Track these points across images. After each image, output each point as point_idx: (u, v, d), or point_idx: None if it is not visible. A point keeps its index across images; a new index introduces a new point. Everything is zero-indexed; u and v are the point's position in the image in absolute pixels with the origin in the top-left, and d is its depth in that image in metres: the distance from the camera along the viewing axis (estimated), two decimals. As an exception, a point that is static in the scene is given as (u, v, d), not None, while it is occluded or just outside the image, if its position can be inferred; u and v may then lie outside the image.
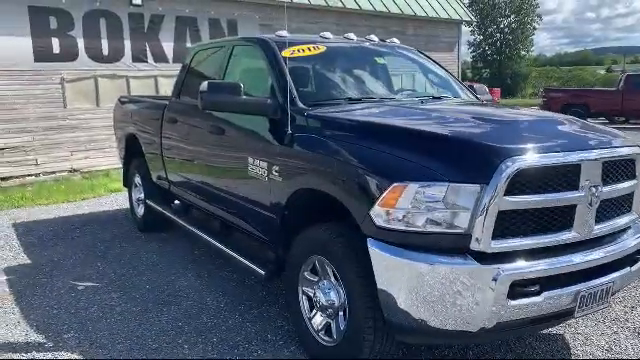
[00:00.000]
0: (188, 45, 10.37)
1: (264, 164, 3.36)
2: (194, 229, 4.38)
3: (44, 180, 8.91)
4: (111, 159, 9.58)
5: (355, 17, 13.11)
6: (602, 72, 54.45)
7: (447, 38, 15.53)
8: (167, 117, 4.87)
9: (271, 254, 3.64)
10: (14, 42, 8.48)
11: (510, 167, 2.35)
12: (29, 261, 4.94)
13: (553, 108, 15.29)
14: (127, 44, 9.71)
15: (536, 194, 2.44)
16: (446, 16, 15.08)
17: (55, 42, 8.92)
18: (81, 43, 9.18)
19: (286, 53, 3.65)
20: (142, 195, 5.75)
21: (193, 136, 4.38)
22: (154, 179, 5.46)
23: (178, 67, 10.75)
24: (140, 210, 5.86)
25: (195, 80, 4.79)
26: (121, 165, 6.49)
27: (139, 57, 9.87)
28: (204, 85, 3.41)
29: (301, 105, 3.29)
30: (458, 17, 15.50)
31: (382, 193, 2.48)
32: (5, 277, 4.53)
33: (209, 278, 4.46)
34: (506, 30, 45.63)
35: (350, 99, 3.48)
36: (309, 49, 3.73)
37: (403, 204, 2.44)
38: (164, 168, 5.07)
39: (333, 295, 2.90)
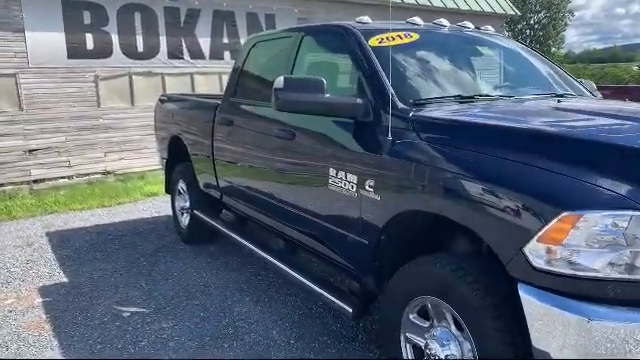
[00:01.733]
0: (225, 41, 9.82)
1: (353, 177, 2.73)
2: (256, 249, 3.77)
3: (77, 182, 8.43)
4: (146, 160, 9.08)
5: (396, 11, 12.40)
6: (635, 69, 52.57)
7: (489, 33, 14.68)
8: (220, 118, 4.27)
9: (354, 284, 3.02)
10: (47, 38, 8.00)
11: None
12: (66, 279, 4.40)
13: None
14: (162, 40, 9.18)
15: None
16: (490, 10, 14.26)
17: (89, 38, 8.42)
18: (115, 39, 8.67)
19: (373, 42, 3.02)
20: (187, 204, 5.18)
21: (254, 141, 3.77)
22: (201, 187, 4.88)
23: (215, 64, 10.28)
24: (185, 220, 5.29)
25: (253, 77, 4.20)
26: (161, 168, 5.96)
27: (175, 53, 9.32)
28: (279, 81, 2.78)
29: (402, 105, 2.64)
30: (502, 11, 14.67)
31: (545, 225, 1.83)
32: (41, 299, 3.99)
33: (270, 303, 3.86)
34: (536, 26, 44.35)
35: (460, 97, 2.82)
36: (399, 37, 3.09)
37: (575, 240, 1.79)
38: (215, 175, 4.48)
39: (454, 349, 2.26)
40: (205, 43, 9.65)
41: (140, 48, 8.95)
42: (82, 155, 8.59)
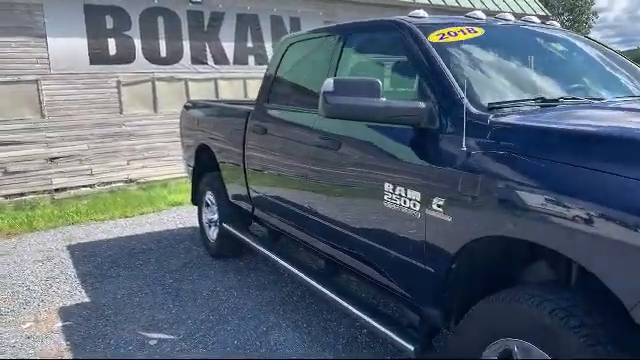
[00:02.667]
0: (249, 45, 9.51)
1: (415, 194, 2.34)
2: (294, 269, 3.38)
3: (99, 191, 8.16)
4: (169, 168, 8.80)
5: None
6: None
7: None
8: (253, 126, 3.91)
9: (411, 314, 2.63)
10: (69, 43, 7.76)
11: None
12: (88, 299, 4.07)
13: None
14: (186, 44, 8.90)
15: None
16: (520, 11, 13.78)
17: (111, 43, 8.17)
18: (138, 43, 8.41)
19: (434, 38, 2.63)
20: (216, 216, 4.83)
21: (291, 150, 3.40)
22: (231, 198, 4.53)
23: (239, 69, 9.96)
24: (212, 233, 4.94)
25: (289, 81, 3.84)
26: (186, 176, 5.64)
27: (198, 58, 9.04)
28: (328, 84, 2.41)
29: (475, 110, 2.25)
30: (532, 12, 14.18)
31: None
32: (61, 323, 3.67)
33: (309, 330, 3.48)
34: (559, 29, 43.45)
35: (543, 100, 2.41)
36: (462, 32, 2.70)
37: None
38: (246, 187, 4.12)
39: (552, 403, 1.85)
40: (229, 48, 9.36)
41: (163, 53, 8.68)
42: (104, 163, 8.32)
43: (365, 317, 2.76)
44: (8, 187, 7.48)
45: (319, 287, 3.15)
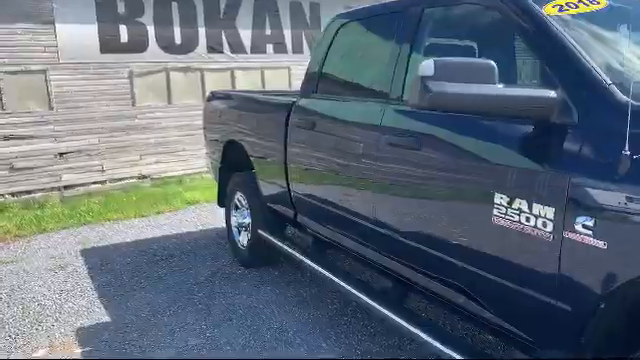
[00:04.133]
0: (267, 33, 8.92)
1: (547, 210, 1.78)
2: (356, 292, 2.81)
3: (111, 188, 7.62)
4: (184, 164, 8.26)
5: None
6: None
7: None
8: (297, 121, 3.36)
9: (519, 355, 2.10)
10: (79, 30, 7.19)
11: None
12: (109, 318, 3.54)
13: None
14: (201, 32, 8.31)
15: None
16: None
17: (123, 30, 7.59)
18: (152, 31, 7.83)
19: (550, 10, 2.07)
20: (248, 220, 4.29)
21: (351, 149, 2.84)
22: (268, 202, 3.98)
23: (257, 59, 9.35)
24: (243, 239, 4.40)
25: (344, 68, 3.28)
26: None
27: (214, 47, 8.45)
28: (427, 66, 1.85)
29: (624, 98, 1.70)
30: None
31: None
32: (80, 350, 3.14)
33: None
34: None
35: None
36: (584, 3, 2.13)
37: None
38: (288, 190, 3.58)
39: None
40: (246, 35, 8.76)
41: (178, 41, 8.10)
42: (116, 158, 7.78)
43: (449, 352, 2.21)
44: (15, 184, 6.95)
45: (388, 313, 2.61)
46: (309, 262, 3.38)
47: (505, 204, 1.94)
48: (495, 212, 1.97)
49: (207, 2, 8.28)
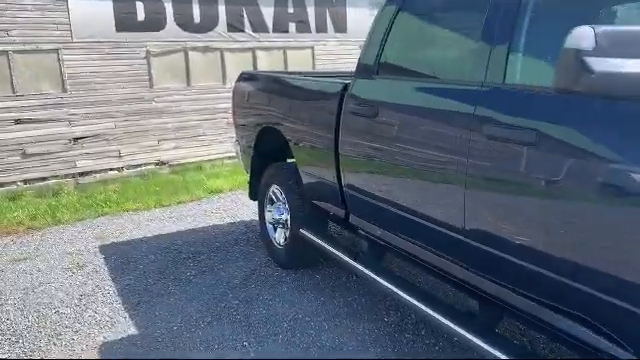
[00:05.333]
0: (290, 10, 8.34)
1: None
2: (442, 318, 2.33)
3: (128, 175, 7.17)
4: (203, 150, 7.78)
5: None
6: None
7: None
8: (353, 107, 2.85)
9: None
10: (93, 7, 6.67)
11: None
12: (135, 330, 3.09)
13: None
14: (221, 9, 7.76)
15: None
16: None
17: (140, 7, 7.06)
18: (169, 7, 7.29)
19: None
20: (285, 217, 3.80)
21: (432, 142, 2.33)
22: (312, 198, 3.50)
23: (279, 38, 8.79)
24: (279, 237, 3.93)
25: (417, 44, 2.75)
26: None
27: (235, 25, 7.90)
28: (583, 36, 1.34)
29: None
30: None
31: None
32: (105, 373, 2.71)
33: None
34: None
35: None
36: None
37: None
38: (339, 185, 3.08)
39: None
40: (268, 13, 8.20)
41: (197, 19, 7.57)
42: (134, 144, 7.31)
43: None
44: (27, 171, 6.51)
45: (479, 343, 2.13)
46: (367, 271, 2.89)
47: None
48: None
49: (228, -23, 7.73)
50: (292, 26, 8.42)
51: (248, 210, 5.45)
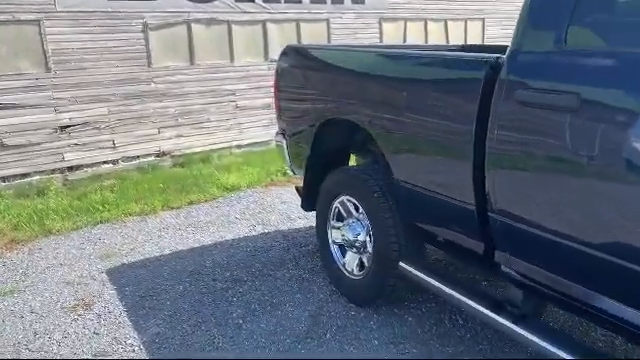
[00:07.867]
0: (303, -21, 7.20)
1: None
2: None
3: (124, 169, 6.05)
4: (209, 138, 6.71)
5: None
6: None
7: None
8: (523, 92, 1.84)
9: None
10: (79, -32, 5.47)
11: None
12: (185, 423, 2.10)
13: None
14: (228, -25, 6.61)
15: None
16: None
17: (134, -30, 5.88)
18: (170, -28, 6.13)
19: None
20: (362, 238, 2.80)
21: None
22: (416, 219, 2.50)
23: (292, 9, 7.60)
24: (351, 262, 2.93)
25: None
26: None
27: (244, -6, 6.77)
28: None
29: None
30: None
31: None
32: None
33: None
34: None
35: None
36: None
37: None
38: (479, 209, 2.08)
39: None
40: (280, -19, 7.06)
41: (201, -14, 6.40)
42: (130, 132, 6.18)
43: None
44: (6, 166, 5.37)
45: None
46: (520, 330, 1.94)
47: None
48: None
49: (236, -64, 6.55)
50: (306, -4, 7.31)
51: (280, 216, 4.45)
